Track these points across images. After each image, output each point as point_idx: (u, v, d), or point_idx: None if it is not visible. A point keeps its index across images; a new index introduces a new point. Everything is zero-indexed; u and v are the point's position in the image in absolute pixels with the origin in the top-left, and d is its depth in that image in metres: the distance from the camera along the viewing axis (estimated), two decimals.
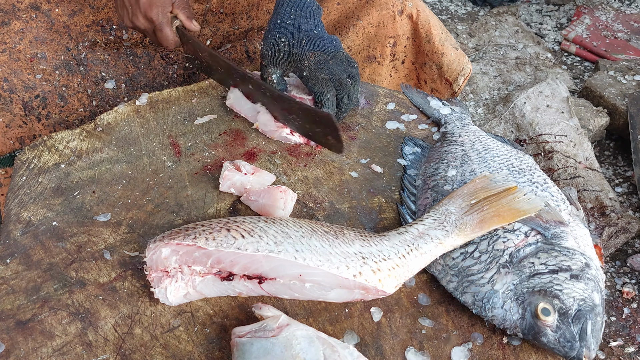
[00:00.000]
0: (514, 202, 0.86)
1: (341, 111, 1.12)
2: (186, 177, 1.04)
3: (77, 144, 1.10)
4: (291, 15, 1.10)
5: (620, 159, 2.07)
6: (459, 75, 1.52)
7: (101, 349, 0.77)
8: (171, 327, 0.80)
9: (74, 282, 0.85)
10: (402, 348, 0.79)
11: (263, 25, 1.45)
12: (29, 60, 1.29)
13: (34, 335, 0.79)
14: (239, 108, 1.17)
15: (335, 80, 1.09)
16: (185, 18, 1.17)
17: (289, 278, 0.80)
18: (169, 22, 1.15)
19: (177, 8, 1.16)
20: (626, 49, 2.57)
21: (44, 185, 1.01)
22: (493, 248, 0.83)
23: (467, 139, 1.06)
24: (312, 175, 1.05)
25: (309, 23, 1.11)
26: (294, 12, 1.11)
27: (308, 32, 1.10)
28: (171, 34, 1.16)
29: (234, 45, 1.45)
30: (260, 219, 0.85)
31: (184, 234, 0.80)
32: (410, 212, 0.95)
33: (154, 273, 0.81)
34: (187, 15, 1.17)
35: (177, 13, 1.16)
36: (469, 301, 0.81)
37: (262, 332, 0.72)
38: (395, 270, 0.82)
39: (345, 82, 1.09)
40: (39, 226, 0.94)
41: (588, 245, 0.83)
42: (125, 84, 1.38)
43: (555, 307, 0.75)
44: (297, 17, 1.10)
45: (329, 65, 1.09)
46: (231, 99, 1.18)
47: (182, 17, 1.17)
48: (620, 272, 1.69)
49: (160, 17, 1.13)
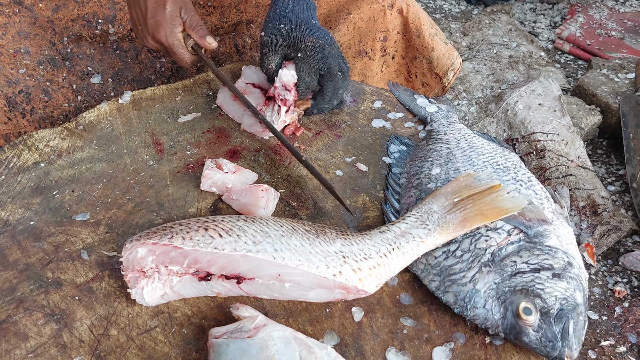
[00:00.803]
0: (497, 201, 0.85)
1: (325, 101, 1.11)
2: (168, 175, 1.02)
3: (57, 142, 1.08)
4: (289, 5, 1.09)
5: (612, 158, 2.06)
6: (448, 70, 1.52)
7: (76, 351, 0.76)
8: (148, 328, 0.79)
9: (50, 282, 0.84)
10: (382, 348, 0.77)
11: (252, 19, 1.44)
12: (12, 55, 1.28)
13: (8, 336, 0.77)
14: (227, 108, 1.16)
15: (326, 70, 1.08)
16: (199, 37, 1.11)
17: (268, 278, 0.79)
18: (181, 42, 1.09)
19: (189, 28, 1.10)
20: (620, 48, 2.56)
21: (23, 184, 1.00)
22: (475, 247, 0.82)
23: (452, 137, 1.05)
24: (296, 173, 1.04)
25: (307, 14, 1.10)
26: (291, 3, 1.09)
27: (307, 20, 1.08)
28: (186, 54, 1.10)
29: (223, 39, 1.44)
30: (240, 218, 0.84)
31: (161, 233, 0.79)
32: (394, 211, 0.94)
33: (130, 273, 0.79)
34: (201, 34, 1.11)
35: (190, 33, 1.10)
36: (451, 300, 0.80)
37: (238, 333, 0.71)
38: (376, 269, 0.80)
39: (335, 74, 1.08)
40: (16, 226, 0.92)
41: (571, 243, 0.82)
42: (111, 78, 1.37)
43: (537, 306, 0.74)
44: (295, 7, 1.09)
45: (325, 54, 1.07)
46: (220, 98, 1.17)
47: (196, 37, 1.11)
48: (612, 271, 1.68)
49: (169, 39, 1.07)
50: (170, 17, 1.07)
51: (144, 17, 1.07)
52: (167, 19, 1.06)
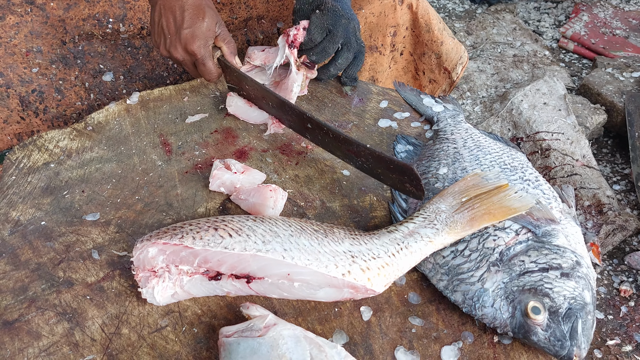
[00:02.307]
0: (505, 200, 0.86)
1: (336, 67, 1.15)
2: (176, 176, 1.03)
3: (67, 143, 1.09)
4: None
5: (617, 157, 2.06)
6: (457, 64, 1.53)
7: (88, 349, 0.77)
8: (159, 327, 0.79)
9: (62, 282, 0.85)
10: (391, 347, 0.78)
11: (262, 14, 1.45)
12: (24, 55, 1.29)
13: (21, 335, 0.78)
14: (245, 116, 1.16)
15: (346, 39, 1.10)
16: (229, 53, 1.12)
17: (277, 277, 0.79)
18: (210, 55, 1.10)
19: (220, 41, 1.11)
20: (624, 46, 2.56)
21: (33, 184, 1.01)
22: (483, 246, 0.83)
23: (459, 136, 1.06)
24: (304, 173, 1.04)
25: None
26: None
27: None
28: (214, 67, 1.11)
29: (235, 35, 1.45)
30: (249, 217, 0.84)
31: (171, 233, 0.80)
32: (401, 210, 0.95)
33: (141, 273, 0.80)
34: (231, 50, 1.12)
35: (220, 46, 1.12)
36: (459, 300, 0.80)
37: (249, 332, 0.71)
38: (384, 269, 0.81)
39: (352, 46, 1.11)
40: (27, 226, 0.93)
41: (579, 243, 0.83)
42: (123, 76, 1.38)
43: (546, 305, 0.74)
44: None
45: (340, 21, 1.09)
46: (232, 106, 1.16)
47: (226, 52, 1.12)
48: (618, 270, 1.68)
49: (202, 50, 1.08)
50: (207, 30, 1.08)
51: (178, 27, 1.07)
52: (204, 31, 1.07)
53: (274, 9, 1.45)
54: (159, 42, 1.11)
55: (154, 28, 1.12)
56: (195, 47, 1.07)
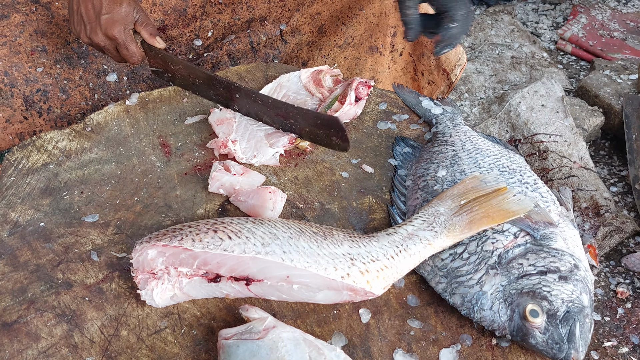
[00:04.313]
0: (504, 203, 0.86)
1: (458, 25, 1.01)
2: (175, 177, 1.03)
3: (66, 144, 1.09)
4: None
5: (615, 159, 2.07)
6: (456, 65, 1.53)
7: (87, 351, 0.77)
8: (158, 329, 0.80)
9: (61, 283, 0.85)
10: (390, 350, 0.78)
11: (265, 15, 1.45)
12: (29, 54, 1.29)
13: (20, 337, 0.78)
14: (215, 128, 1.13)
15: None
16: (149, 35, 1.14)
17: (277, 280, 0.80)
18: (132, 38, 1.12)
19: (139, 25, 1.13)
20: (622, 49, 2.57)
21: (32, 185, 1.01)
22: (482, 249, 0.83)
23: (457, 139, 1.06)
24: (303, 175, 1.04)
25: None
26: None
27: None
28: (137, 49, 1.13)
29: (238, 37, 1.44)
30: (248, 220, 0.84)
31: (171, 235, 0.80)
32: (400, 213, 0.95)
33: (140, 275, 0.80)
34: (151, 32, 1.14)
35: (140, 31, 1.13)
36: (458, 302, 0.80)
37: (248, 334, 0.71)
38: (383, 271, 0.81)
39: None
40: (26, 227, 0.93)
41: (577, 246, 0.83)
42: (127, 76, 1.38)
43: (544, 308, 0.75)
44: None
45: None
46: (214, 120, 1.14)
47: (145, 35, 1.14)
48: (615, 272, 1.69)
49: (123, 34, 1.10)
50: (125, 14, 1.10)
51: (97, 14, 1.10)
52: (123, 15, 1.10)
53: (276, 10, 1.45)
54: (79, 30, 1.13)
55: (73, 17, 1.14)
56: (116, 31, 1.10)
